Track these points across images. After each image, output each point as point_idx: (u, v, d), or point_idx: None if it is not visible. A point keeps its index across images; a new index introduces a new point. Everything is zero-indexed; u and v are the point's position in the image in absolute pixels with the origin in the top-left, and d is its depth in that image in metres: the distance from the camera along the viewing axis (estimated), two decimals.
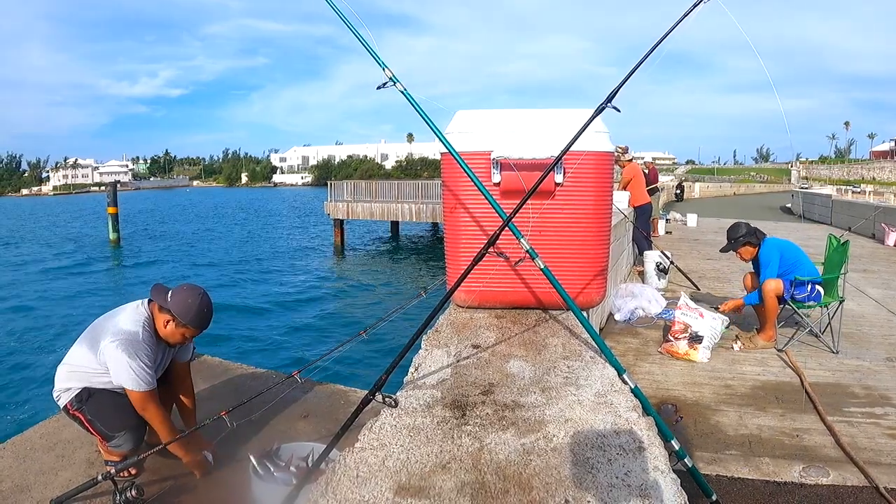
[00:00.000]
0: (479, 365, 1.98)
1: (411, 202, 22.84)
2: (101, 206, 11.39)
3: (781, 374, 4.09)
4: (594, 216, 2.48)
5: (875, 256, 9.81)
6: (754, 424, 3.32)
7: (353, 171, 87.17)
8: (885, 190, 39.35)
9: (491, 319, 2.48)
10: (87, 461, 2.70)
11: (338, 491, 1.28)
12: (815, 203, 20.27)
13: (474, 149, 2.40)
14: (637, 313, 5.50)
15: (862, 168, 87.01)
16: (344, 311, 13.22)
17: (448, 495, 1.25)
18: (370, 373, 7.82)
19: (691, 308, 4.55)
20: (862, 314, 5.75)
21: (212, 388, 3.59)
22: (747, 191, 61.26)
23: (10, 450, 2.80)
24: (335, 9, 1.88)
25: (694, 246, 10.74)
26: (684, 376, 4.07)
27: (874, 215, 12.74)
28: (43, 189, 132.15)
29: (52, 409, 3.34)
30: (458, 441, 1.48)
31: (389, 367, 1.85)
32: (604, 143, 2.41)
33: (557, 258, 2.37)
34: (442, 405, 1.69)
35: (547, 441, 1.48)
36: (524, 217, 2.21)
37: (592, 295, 2.55)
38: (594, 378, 1.87)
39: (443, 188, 2.56)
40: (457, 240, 2.54)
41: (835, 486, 2.70)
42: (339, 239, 24.74)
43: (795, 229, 14.36)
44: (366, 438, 1.50)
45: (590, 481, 1.31)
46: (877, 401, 3.64)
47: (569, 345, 2.18)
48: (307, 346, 10.02)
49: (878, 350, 4.61)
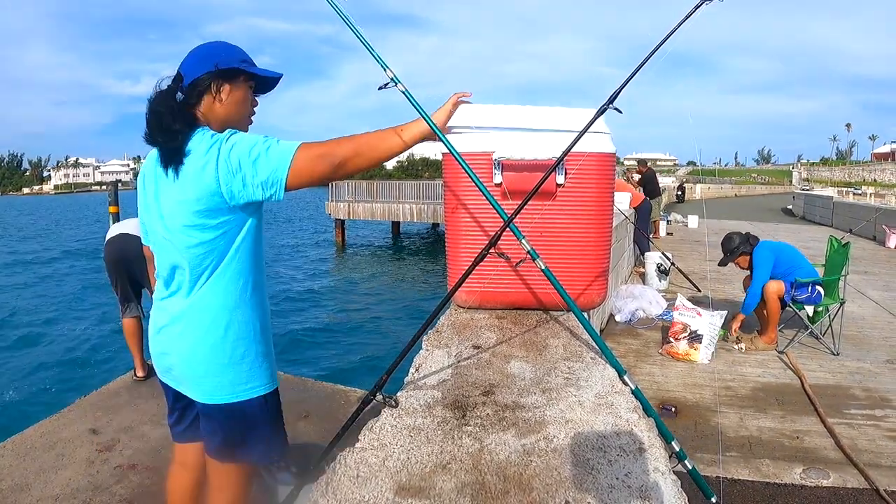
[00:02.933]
0: (479, 365, 1.98)
1: (412, 202, 22.85)
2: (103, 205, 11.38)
3: (782, 376, 4.09)
4: (595, 217, 2.48)
5: (876, 258, 9.80)
6: (755, 426, 3.32)
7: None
8: (886, 192, 39.33)
9: (492, 320, 2.48)
10: (87, 460, 2.71)
11: (338, 491, 1.28)
12: (816, 205, 20.27)
13: (476, 149, 2.40)
14: (638, 314, 5.50)
15: (863, 170, 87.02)
16: (344, 311, 13.22)
17: (448, 496, 1.25)
18: (370, 373, 7.83)
19: (689, 308, 4.55)
20: (862, 316, 5.75)
21: None
22: (748, 192, 61.22)
23: (9, 448, 2.81)
24: (336, 9, 1.88)
25: (695, 247, 10.73)
26: (685, 378, 4.07)
27: (875, 217, 12.74)
28: (44, 188, 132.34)
29: (53, 408, 3.35)
30: (459, 441, 1.48)
31: (390, 368, 1.85)
32: (605, 145, 2.41)
33: (558, 259, 2.37)
34: (442, 405, 1.69)
35: (547, 442, 1.48)
36: (525, 218, 2.21)
37: (593, 296, 2.55)
38: (595, 379, 1.87)
39: (444, 188, 2.56)
40: (458, 240, 2.54)
41: (835, 488, 2.70)
42: (340, 239, 24.75)
43: (796, 231, 14.37)
44: (366, 438, 1.50)
45: (590, 482, 1.31)
46: (877, 403, 3.64)
47: (569, 346, 2.18)
48: (307, 345, 10.02)
49: (878, 352, 4.61)
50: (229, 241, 1.47)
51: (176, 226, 1.44)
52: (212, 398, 1.51)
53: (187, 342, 1.50)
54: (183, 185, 1.40)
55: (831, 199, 19.15)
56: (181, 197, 1.41)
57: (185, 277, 1.48)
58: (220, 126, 1.49)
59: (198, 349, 1.49)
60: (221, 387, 1.51)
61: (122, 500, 2.40)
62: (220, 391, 1.51)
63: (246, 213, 1.47)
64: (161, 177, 1.45)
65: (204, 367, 1.50)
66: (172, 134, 1.41)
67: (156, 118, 1.43)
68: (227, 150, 1.39)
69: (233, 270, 1.49)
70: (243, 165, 1.38)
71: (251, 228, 1.51)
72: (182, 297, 1.50)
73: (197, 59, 1.50)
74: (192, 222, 1.42)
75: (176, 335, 1.51)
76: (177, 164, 1.40)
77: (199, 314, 1.48)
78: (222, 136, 1.42)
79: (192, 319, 1.49)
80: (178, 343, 1.51)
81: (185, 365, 1.52)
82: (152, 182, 1.50)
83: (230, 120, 1.52)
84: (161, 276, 1.56)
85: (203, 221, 1.42)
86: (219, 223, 1.43)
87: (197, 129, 1.44)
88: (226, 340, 1.50)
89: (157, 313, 1.58)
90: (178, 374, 1.56)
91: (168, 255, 1.49)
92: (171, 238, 1.46)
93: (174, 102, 1.44)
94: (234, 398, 1.52)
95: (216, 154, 1.39)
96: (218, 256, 1.46)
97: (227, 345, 1.50)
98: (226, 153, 1.39)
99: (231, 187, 1.39)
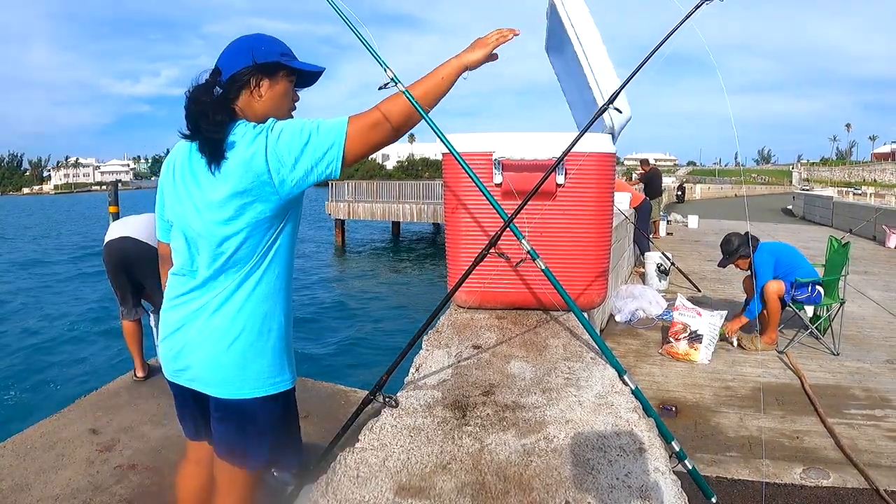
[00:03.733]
0: (479, 365, 1.98)
1: (412, 202, 22.85)
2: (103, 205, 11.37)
3: (782, 376, 4.09)
4: (595, 217, 2.48)
5: (876, 258, 9.80)
6: (754, 426, 3.32)
7: (354, 172, 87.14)
8: (886, 192, 39.32)
9: (492, 320, 2.48)
10: (87, 460, 2.70)
11: (338, 491, 1.28)
12: (816, 205, 20.27)
13: (476, 149, 2.40)
14: (638, 314, 5.50)
15: (863, 170, 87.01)
16: (344, 311, 13.22)
17: (448, 496, 1.25)
18: (371, 373, 7.83)
19: (688, 308, 4.56)
20: (862, 316, 5.75)
21: None
22: (748, 192, 61.21)
23: (10, 448, 2.81)
24: (336, 8, 1.88)
25: (695, 247, 10.73)
26: (685, 377, 4.07)
27: (875, 217, 12.74)
28: (44, 188, 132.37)
29: (53, 408, 3.35)
30: (459, 441, 1.48)
31: (390, 368, 1.85)
32: (605, 145, 2.41)
33: (558, 259, 2.38)
34: (442, 406, 1.69)
35: (547, 442, 1.48)
36: (525, 218, 2.21)
37: (593, 296, 2.55)
38: (595, 379, 1.87)
39: (444, 189, 2.57)
40: (458, 240, 2.54)
41: (835, 489, 2.70)
42: (341, 239, 24.75)
43: (796, 231, 14.37)
44: (366, 438, 1.50)
45: (590, 482, 1.31)
46: (877, 403, 3.64)
47: (569, 346, 2.18)
48: (307, 345, 10.02)
49: (878, 352, 4.61)
50: (270, 235, 1.44)
51: (214, 219, 1.39)
52: (234, 393, 1.47)
53: (213, 336, 1.46)
54: (226, 177, 1.36)
55: (831, 200, 19.15)
56: (223, 190, 1.37)
57: (215, 272, 1.44)
58: (259, 120, 1.44)
59: (222, 344, 1.45)
60: (244, 382, 1.47)
61: (122, 500, 2.40)
62: (240, 387, 1.47)
63: (289, 205, 1.44)
64: (200, 170, 1.41)
65: (227, 362, 1.46)
66: (217, 125, 1.36)
67: (198, 108, 1.38)
68: (276, 138, 1.36)
69: (269, 265, 1.47)
70: (294, 149, 1.35)
71: (291, 222, 1.49)
72: (209, 293, 1.46)
73: (234, 52, 1.46)
74: (233, 215, 1.38)
75: (199, 330, 1.47)
76: (219, 156, 1.36)
77: (228, 309, 1.45)
78: (266, 126, 1.38)
79: (219, 314, 1.45)
80: (200, 339, 1.47)
81: (207, 360, 1.47)
82: (187, 176, 1.45)
83: (269, 114, 1.47)
84: (182, 272, 1.51)
85: (246, 214, 1.38)
86: (261, 216, 1.40)
87: (238, 122, 1.41)
88: (252, 335, 1.47)
89: (173, 311, 1.52)
90: (197, 373, 1.50)
91: (198, 250, 1.45)
92: (205, 233, 1.42)
93: (214, 97, 1.41)
94: (253, 394, 1.48)
95: (264, 143, 1.35)
96: (257, 250, 1.43)
97: (252, 340, 1.47)
98: (273, 141, 1.35)
99: (282, 175, 1.36)
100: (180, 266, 1.52)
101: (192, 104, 1.40)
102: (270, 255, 1.47)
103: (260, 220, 1.41)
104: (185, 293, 1.50)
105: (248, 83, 1.45)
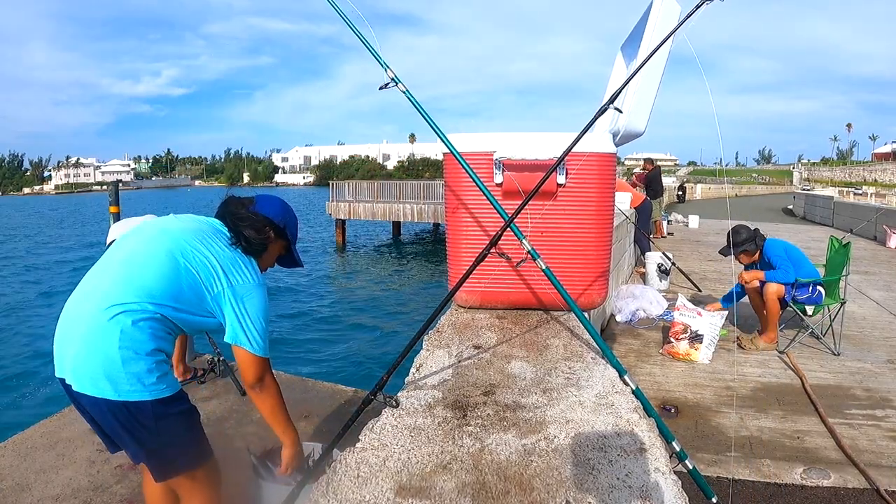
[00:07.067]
0: (480, 365, 1.98)
1: (413, 202, 22.83)
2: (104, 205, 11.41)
3: (782, 376, 4.09)
4: (596, 217, 2.48)
5: (876, 258, 9.79)
6: (755, 426, 3.32)
7: (354, 172, 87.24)
8: (886, 192, 39.28)
9: (492, 320, 2.48)
10: (88, 460, 2.71)
11: (339, 491, 1.28)
12: (816, 205, 20.24)
13: (476, 149, 2.40)
14: (638, 314, 5.50)
15: (864, 170, 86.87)
16: (344, 311, 13.22)
17: (449, 496, 1.25)
18: (371, 373, 7.82)
19: (689, 308, 4.55)
20: (863, 316, 5.74)
21: (216, 386, 3.59)
22: (749, 192, 61.17)
23: (10, 448, 2.81)
24: (337, 9, 1.88)
25: (695, 247, 10.73)
26: (685, 378, 4.07)
27: (876, 217, 12.72)
28: (45, 188, 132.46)
29: (54, 408, 3.35)
30: (459, 441, 1.48)
31: (391, 368, 1.85)
32: (606, 145, 2.41)
33: (559, 259, 2.38)
34: (443, 405, 1.69)
35: (548, 442, 1.48)
36: (526, 218, 2.22)
37: (594, 296, 2.55)
38: (595, 379, 1.87)
39: (445, 189, 2.57)
40: (458, 240, 2.54)
41: (835, 489, 2.70)
42: (341, 239, 24.74)
43: (797, 231, 14.36)
44: (367, 438, 1.50)
45: (591, 482, 1.31)
46: (878, 403, 3.64)
47: (570, 346, 2.18)
48: (308, 345, 10.02)
49: (879, 352, 4.60)
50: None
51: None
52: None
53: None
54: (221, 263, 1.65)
55: (832, 199, 19.12)
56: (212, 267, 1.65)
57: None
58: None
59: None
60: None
61: (123, 499, 2.41)
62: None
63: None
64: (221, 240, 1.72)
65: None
66: (254, 248, 1.73)
67: (256, 229, 1.75)
68: (241, 294, 1.64)
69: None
70: (236, 308, 1.62)
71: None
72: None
73: (281, 211, 1.83)
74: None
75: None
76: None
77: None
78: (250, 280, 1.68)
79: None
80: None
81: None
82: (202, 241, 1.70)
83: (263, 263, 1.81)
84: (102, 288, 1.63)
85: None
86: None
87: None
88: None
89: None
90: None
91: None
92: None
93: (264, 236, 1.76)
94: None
95: (237, 282, 1.65)
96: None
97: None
98: (239, 293, 1.64)
99: (217, 303, 1.62)
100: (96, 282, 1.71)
101: (256, 223, 1.78)
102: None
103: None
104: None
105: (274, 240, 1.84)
